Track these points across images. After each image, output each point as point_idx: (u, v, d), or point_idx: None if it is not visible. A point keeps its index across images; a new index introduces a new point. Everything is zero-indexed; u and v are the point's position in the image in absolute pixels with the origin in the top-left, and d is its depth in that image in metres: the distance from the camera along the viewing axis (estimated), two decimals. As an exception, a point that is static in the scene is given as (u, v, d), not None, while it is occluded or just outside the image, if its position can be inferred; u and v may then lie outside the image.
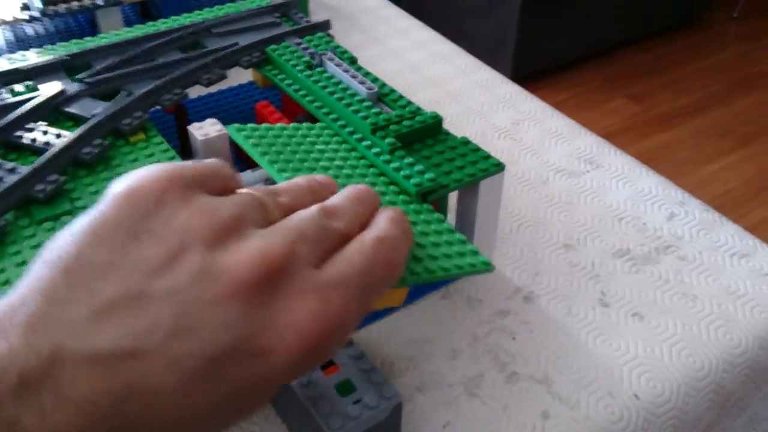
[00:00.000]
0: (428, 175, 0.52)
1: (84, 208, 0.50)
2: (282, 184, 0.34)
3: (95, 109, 0.59)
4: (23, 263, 0.46)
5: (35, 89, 0.63)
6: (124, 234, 0.26)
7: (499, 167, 0.55)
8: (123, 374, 0.23)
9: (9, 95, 0.60)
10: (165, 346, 0.24)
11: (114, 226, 0.27)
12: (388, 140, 0.55)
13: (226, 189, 0.31)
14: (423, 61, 0.90)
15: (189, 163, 0.31)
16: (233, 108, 0.79)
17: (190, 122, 0.64)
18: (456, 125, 0.78)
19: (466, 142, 0.57)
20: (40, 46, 0.89)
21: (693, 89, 2.79)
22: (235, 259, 0.26)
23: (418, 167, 0.53)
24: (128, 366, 0.23)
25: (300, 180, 0.35)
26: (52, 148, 0.54)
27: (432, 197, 0.52)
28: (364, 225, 0.33)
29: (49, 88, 0.61)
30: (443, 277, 0.45)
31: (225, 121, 0.78)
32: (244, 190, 0.31)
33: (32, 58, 0.66)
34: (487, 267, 0.46)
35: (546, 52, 2.55)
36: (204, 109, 0.79)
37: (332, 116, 0.59)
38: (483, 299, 0.56)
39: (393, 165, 0.53)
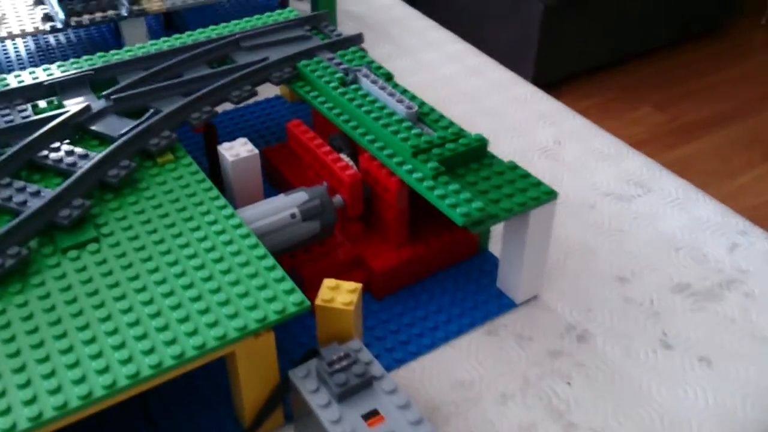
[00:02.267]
0: (476, 204, 0.49)
1: (110, 234, 0.48)
2: None
3: (121, 128, 0.56)
4: (47, 295, 0.43)
5: (60, 105, 0.60)
6: None
7: (551, 195, 0.51)
8: None
9: (31, 113, 0.58)
10: None
11: None
12: (430, 164, 0.52)
13: None
14: (456, 74, 0.87)
15: None
16: (261, 124, 0.77)
17: (218, 141, 0.61)
18: (493, 143, 0.75)
19: (513, 166, 0.54)
20: (63, 57, 0.87)
21: (719, 99, 2.73)
22: None
23: (465, 195, 0.50)
24: None
25: None
26: (77, 170, 0.51)
27: (480, 228, 0.49)
28: None
29: (73, 105, 0.59)
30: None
31: (253, 138, 0.76)
32: None
33: (56, 72, 0.64)
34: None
35: (569, 58, 2.51)
36: (230, 125, 0.76)
37: (369, 137, 0.56)
38: (533, 337, 0.53)
39: (437, 192, 0.50)
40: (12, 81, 0.63)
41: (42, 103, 0.60)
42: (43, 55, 0.88)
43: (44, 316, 0.42)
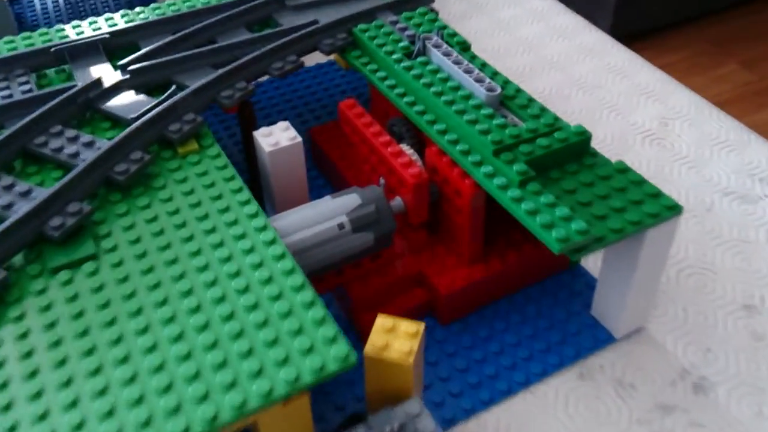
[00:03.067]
0: (577, 225, 0.37)
1: (112, 250, 0.38)
2: None
3: (137, 108, 0.46)
4: (24, 335, 0.34)
5: (69, 77, 0.50)
6: None
7: (674, 210, 0.39)
8: None
9: (34, 86, 0.48)
10: None
11: None
12: (517, 167, 0.40)
13: None
14: (540, 36, 0.74)
15: None
16: (310, 95, 0.66)
17: (257, 124, 0.51)
18: (586, 125, 0.62)
19: (623, 168, 0.42)
20: (92, 11, 0.78)
21: (812, 57, 2.49)
22: None
23: (562, 210, 0.38)
24: None
25: None
26: (79, 163, 0.42)
27: (581, 255, 0.37)
28: None
29: (83, 76, 0.49)
30: None
31: (301, 112, 0.64)
32: None
33: (71, 33, 0.54)
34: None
35: (649, 10, 2.31)
36: (276, 95, 0.66)
37: (438, 126, 0.45)
38: (636, 384, 0.42)
39: (525, 206, 0.39)
40: (19, 44, 0.53)
41: (50, 74, 0.50)
42: (72, 11, 0.78)
43: (18, 366, 0.33)
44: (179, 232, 0.39)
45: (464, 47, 0.51)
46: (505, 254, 0.46)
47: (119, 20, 0.55)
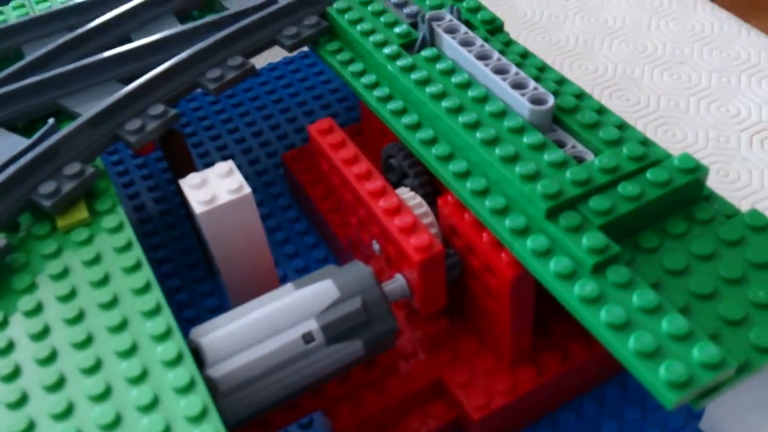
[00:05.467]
0: (704, 351, 0.23)
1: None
2: None
3: None
4: None
5: None
6: None
7: None
8: None
9: None
10: None
11: None
12: (587, 239, 0.25)
13: None
14: (592, -7, 0.58)
15: None
16: (290, 98, 0.50)
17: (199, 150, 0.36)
18: (667, 120, 0.46)
19: (762, 226, 0.26)
20: None
21: None
22: None
23: (674, 322, 0.23)
24: None
25: None
26: None
27: (712, 397, 0.22)
28: None
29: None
30: None
31: (274, 128, 0.47)
32: None
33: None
34: None
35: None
36: (241, 94, 0.51)
37: (456, 166, 0.30)
38: None
39: (607, 314, 0.24)
40: None
41: None
42: None
43: None
44: (44, 371, 0.25)
45: (493, 29, 0.36)
46: (567, 347, 0.31)
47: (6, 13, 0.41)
